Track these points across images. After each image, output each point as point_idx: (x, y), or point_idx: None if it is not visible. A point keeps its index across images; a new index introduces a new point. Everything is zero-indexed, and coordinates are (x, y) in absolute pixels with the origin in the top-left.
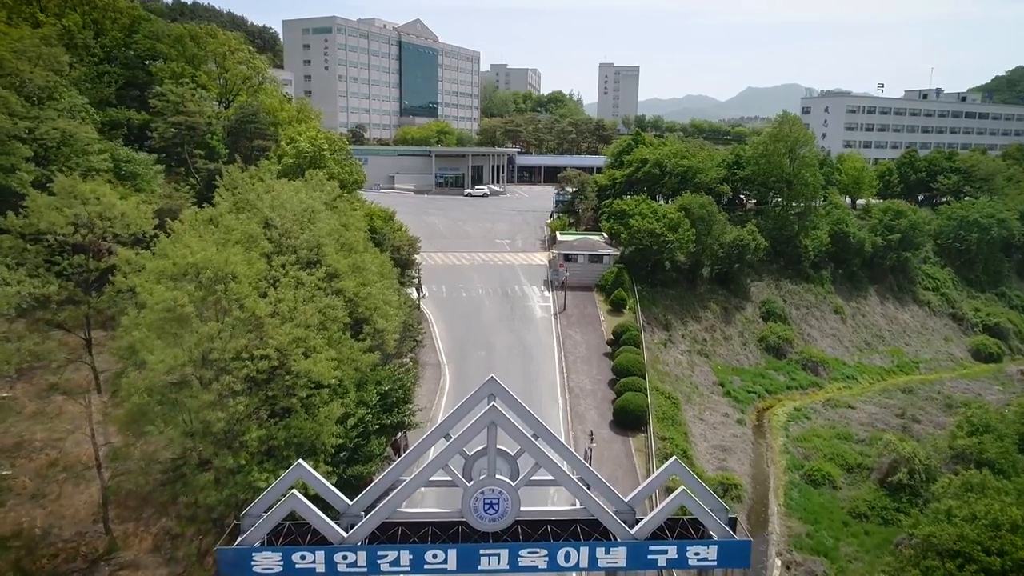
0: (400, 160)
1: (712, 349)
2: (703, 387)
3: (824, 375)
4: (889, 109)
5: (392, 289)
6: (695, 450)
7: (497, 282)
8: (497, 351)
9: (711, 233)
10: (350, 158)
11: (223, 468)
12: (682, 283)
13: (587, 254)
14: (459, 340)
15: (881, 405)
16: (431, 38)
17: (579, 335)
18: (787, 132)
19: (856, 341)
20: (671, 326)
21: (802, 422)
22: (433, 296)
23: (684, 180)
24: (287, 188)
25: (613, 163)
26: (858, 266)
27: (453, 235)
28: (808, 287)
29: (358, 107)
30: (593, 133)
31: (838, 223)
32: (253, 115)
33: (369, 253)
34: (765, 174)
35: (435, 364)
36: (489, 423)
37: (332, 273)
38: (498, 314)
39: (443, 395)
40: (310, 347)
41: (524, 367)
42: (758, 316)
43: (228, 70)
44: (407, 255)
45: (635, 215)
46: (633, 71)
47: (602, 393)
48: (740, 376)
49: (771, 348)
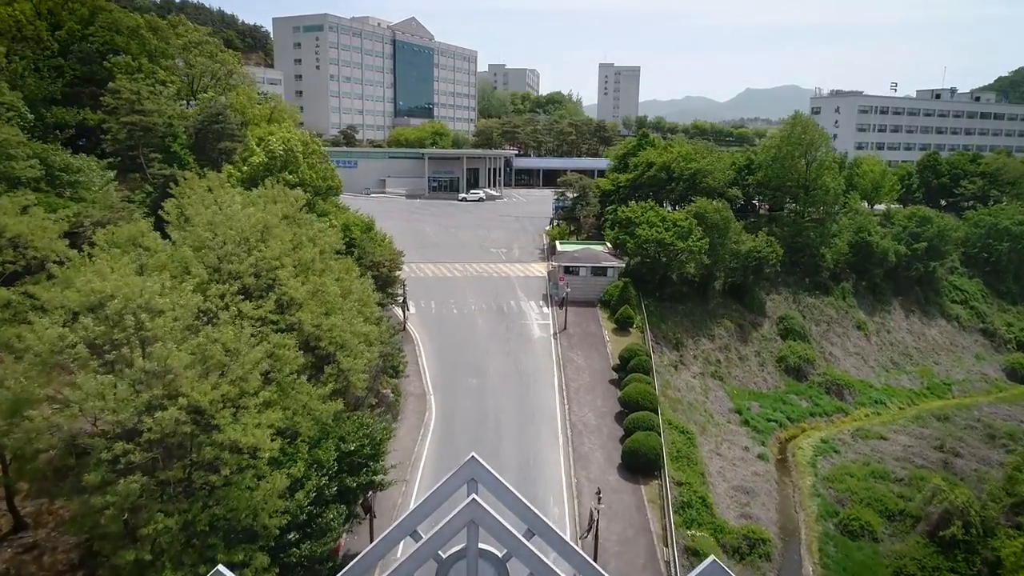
0: (391, 163)
1: (727, 371)
2: (719, 415)
3: (850, 399)
4: (902, 109)
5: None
6: (714, 493)
7: (492, 297)
8: (490, 378)
9: (725, 243)
10: (325, 161)
11: (125, 567)
12: (693, 297)
13: (590, 266)
14: (448, 365)
15: (916, 435)
16: (426, 37)
17: (582, 359)
18: (800, 134)
19: (882, 360)
20: (682, 345)
21: (830, 456)
22: (421, 313)
23: (692, 184)
24: (236, 200)
25: (617, 166)
26: (881, 277)
27: (445, 244)
28: (828, 300)
29: (351, 107)
30: (594, 134)
31: (859, 231)
32: (220, 114)
33: (341, 274)
34: (779, 178)
35: (420, 395)
36: (468, 522)
37: (286, 303)
38: (492, 334)
39: (427, 433)
40: (245, 405)
41: (520, 397)
42: (775, 333)
43: (193, 65)
44: (389, 271)
45: (642, 223)
46: (634, 71)
47: (608, 429)
48: (758, 401)
49: (791, 369)
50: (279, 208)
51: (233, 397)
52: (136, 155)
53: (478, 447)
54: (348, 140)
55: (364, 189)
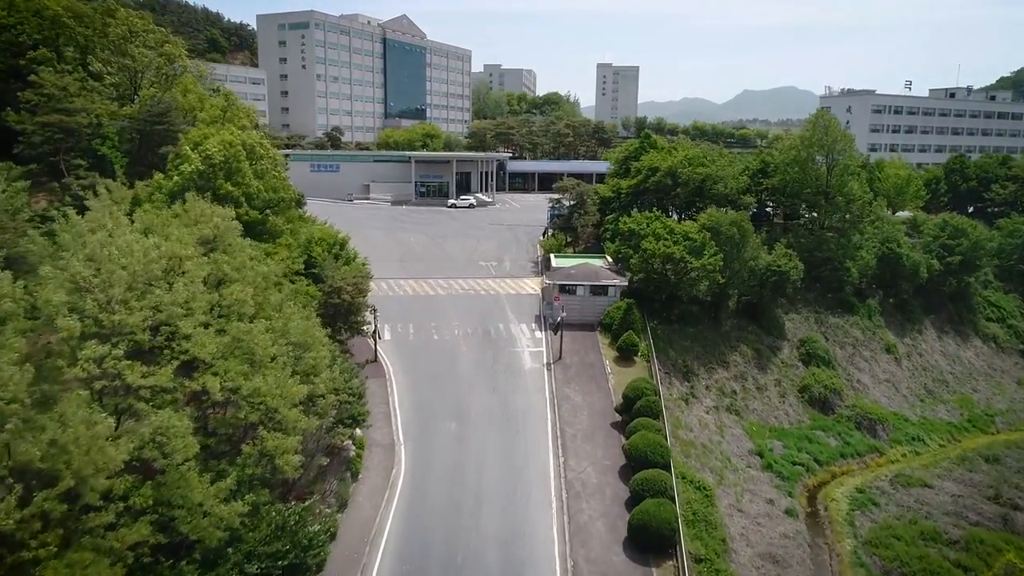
0: (376, 167)
1: (744, 404)
2: (737, 458)
3: (884, 436)
4: (917, 109)
5: (304, 372)
6: (736, 563)
7: (478, 319)
8: (473, 422)
9: (742, 258)
10: (277, 168)
11: None
12: (704, 318)
13: (588, 285)
14: (424, 405)
15: (964, 482)
16: (418, 35)
17: (579, 396)
18: (821, 135)
19: (915, 388)
20: (693, 375)
21: (869, 511)
22: (397, 339)
23: (700, 191)
24: (123, 224)
25: (617, 171)
26: (910, 293)
27: (430, 256)
28: (854, 320)
29: (338, 109)
30: (592, 136)
31: (887, 242)
32: (162, 114)
33: (272, 312)
34: (797, 184)
35: (387, 445)
36: None
37: (193, 361)
38: (477, 365)
39: (393, 497)
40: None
41: (507, 447)
42: (796, 359)
43: (134, 58)
44: (352, 297)
45: (647, 236)
46: (632, 71)
47: (612, 490)
48: (781, 440)
49: (816, 401)
50: (203, 231)
51: (60, 517)
52: (58, 160)
53: (454, 517)
54: (333, 142)
55: (347, 195)
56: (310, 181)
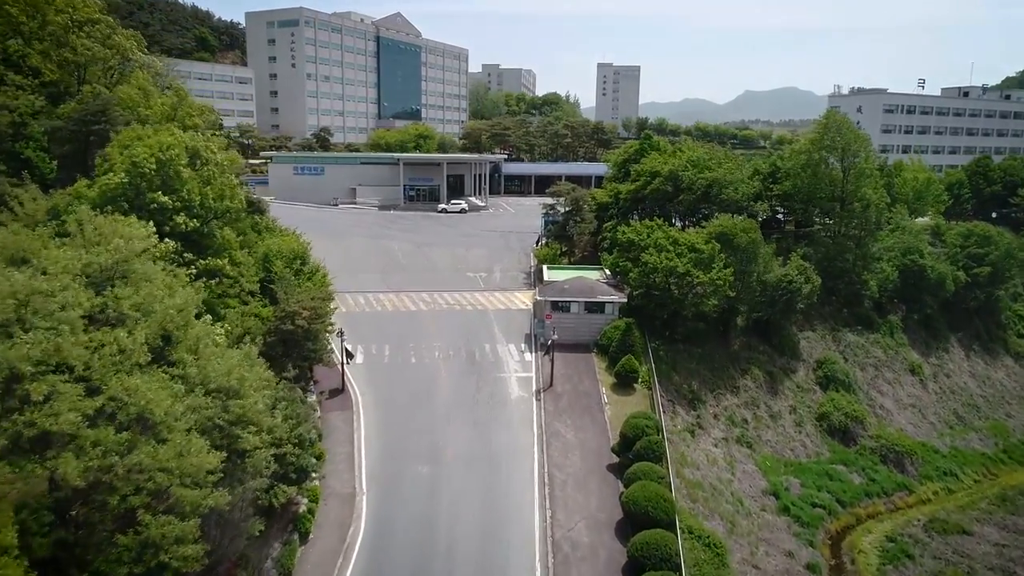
0: (363, 170)
1: (756, 435)
2: (750, 500)
3: (912, 471)
4: (931, 108)
5: (210, 448)
6: None
7: (462, 338)
8: (449, 464)
9: (753, 271)
10: (226, 173)
11: None
12: (710, 337)
13: (583, 301)
14: (394, 443)
15: (1007, 527)
16: (413, 34)
17: (572, 431)
18: (834, 137)
19: (943, 414)
20: (699, 401)
21: (903, 564)
22: (370, 363)
23: (706, 197)
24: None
25: (616, 174)
26: (934, 308)
27: (414, 266)
28: (874, 338)
29: (329, 109)
30: (591, 137)
31: (908, 253)
32: (99, 112)
33: (186, 354)
34: (810, 189)
35: (347, 495)
36: None
37: (45, 436)
38: (458, 393)
39: (347, 565)
40: None
41: (487, 498)
42: (813, 382)
43: (75, 50)
44: (308, 324)
45: (649, 247)
46: (633, 71)
47: (607, 552)
48: (798, 476)
49: (835, 430)
50: (98, 259)
51: None
52: None
53: None
54: (321, 143)
55: (332, 199)
56: (293, 185)
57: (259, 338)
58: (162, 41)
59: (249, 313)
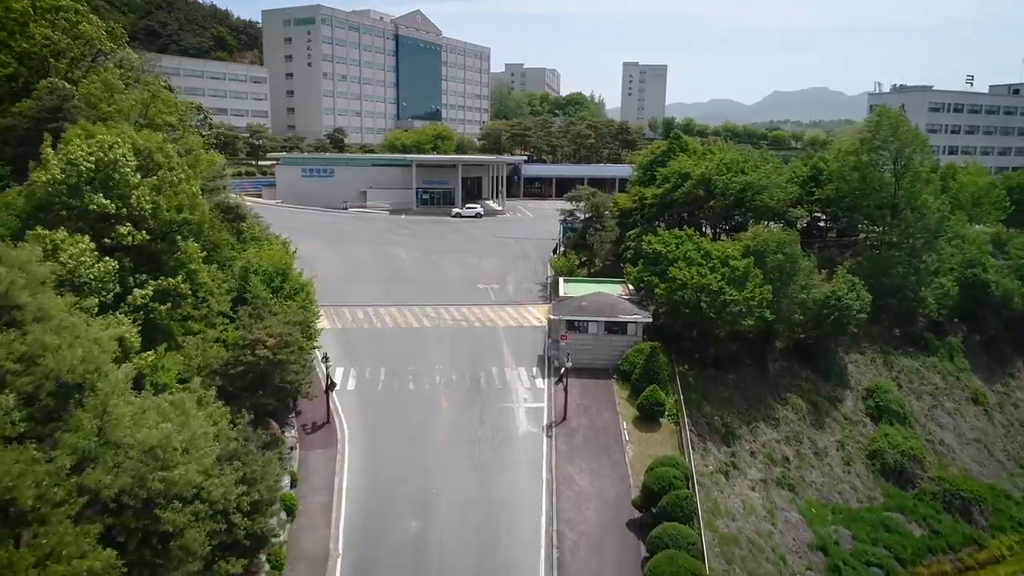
0: (375, 171)
1: (799, 475)
2: (794, 557)
3: (981, 520)
4: (979, 107)
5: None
6: None
7: (467, 361)
8: (441, 519)
9: (791, 288)
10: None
11: None
12: (746, 361)
13: (602, 321)
14: (380, 491)
15: None
16: (433, 32)
17: (586, 477)
18: (886, 135)
19: (1013, 451)
20: (733, 436)
21: None
22: (362, 389)
23: (740, 202)
24: None
25: (641, 177)
26: (998, 328)
27: (421, 277)
28: (931, 362)
29: (347, 109)
30: (615, 137)
31: (970, 266)
32: (55, 109)
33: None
34: (857, 194)
35: (318, 558)
36: None
37: None
38: (458, 428)
39: None
40: None
41: (482, 566)
42: (863, 413)
43: (34, 39)
44: (273, 355)
45: (676, 260)
46: (660, 70)
47: None
48: (849, 526)
49: (890, 471)
50: None
51: None
52: None
53: None
54: (335, 144)
55: (342, 203)
56: (301, 188)
57: (218, 371)
58: (180, 40)
59: (212, 339)
